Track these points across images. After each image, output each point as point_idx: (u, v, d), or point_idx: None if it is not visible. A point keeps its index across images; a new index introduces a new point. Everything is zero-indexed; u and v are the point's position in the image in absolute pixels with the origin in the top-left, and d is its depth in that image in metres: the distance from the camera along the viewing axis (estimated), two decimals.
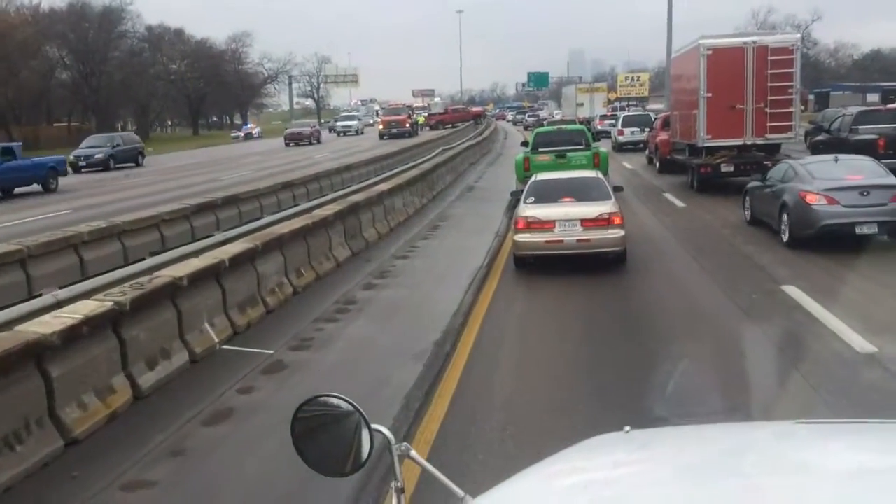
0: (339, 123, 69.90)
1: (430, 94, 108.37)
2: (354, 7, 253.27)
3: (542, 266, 11.15)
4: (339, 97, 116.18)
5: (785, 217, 12.29)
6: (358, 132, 65.07)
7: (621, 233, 10.87)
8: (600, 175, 12.72)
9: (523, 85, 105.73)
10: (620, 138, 36.64)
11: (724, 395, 5.97)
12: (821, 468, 1.63)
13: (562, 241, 10.73)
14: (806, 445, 1.82)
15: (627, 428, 1.97)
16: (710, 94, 18.46)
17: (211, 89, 78.96)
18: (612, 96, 78.80)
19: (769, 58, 17.98)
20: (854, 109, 24.00)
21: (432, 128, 63.95)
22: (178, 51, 73.37)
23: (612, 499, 1.56)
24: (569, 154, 18.57)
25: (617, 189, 12.42)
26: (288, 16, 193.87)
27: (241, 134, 74.55)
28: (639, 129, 34.78)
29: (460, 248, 13.38)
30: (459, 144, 34.36)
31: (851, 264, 10.65)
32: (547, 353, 7.99)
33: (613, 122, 41.71)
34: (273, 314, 9.35)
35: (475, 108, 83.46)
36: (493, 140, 46.62)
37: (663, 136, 25.32)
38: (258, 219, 13.95)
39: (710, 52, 18.35)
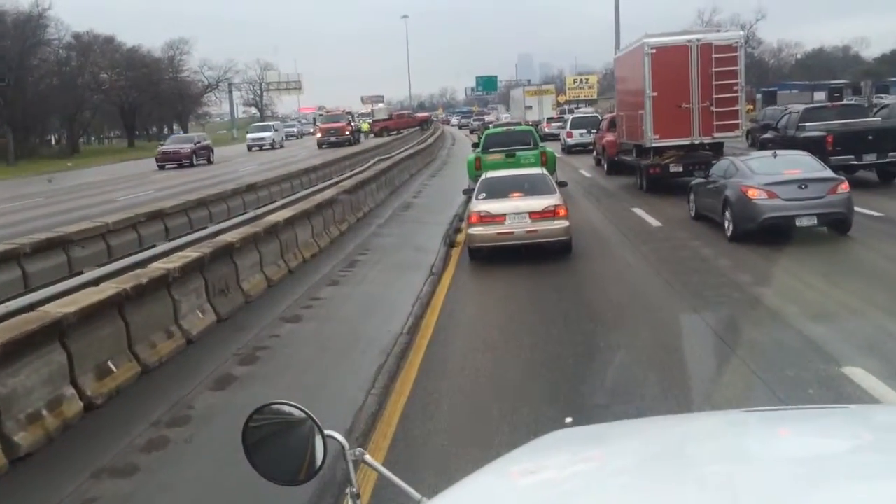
0: (250, 136, 58.84)
1: (379, 99, 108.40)
2: (299, 14, 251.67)
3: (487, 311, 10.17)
4: (285, 105, 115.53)
5: (728, 212, 12.86)
6: (273, 146, 56.04)
7: (566, 223, 12.05)
8: (546, 172, 14.12)
9: (472, 89, 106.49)
10: (569, 140, 37.22)
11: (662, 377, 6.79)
12: (772, 455, 1.68)
13: (512, 232, 11.94)
14: (756, 433, 1.87)
15: (569, 419, 2.07)
16: (655, 94, 18.91)
17: (146, 99, 77.67)
18: (562, 99, 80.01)
19: (713, 55, 18.49)
20: (800, 107, 24.54)
21: (377, 135, 63.47)
22: (107, 59, 71.58)
23: (570, 493, 1.59)
24: (517, 153, 19.65)
25: (561, 184, 13.96)
26: (229, 23, 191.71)
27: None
28: (587, 131, 35.40)
29: (377, 299, 10.53)
30: (398, 154, 32.03)
31: (789, 255, 11.27)
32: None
33: (562, 124, 42.41)
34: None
35: (421, 114, 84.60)
36: (439, 147, 46.00)
37: (610, 137, 25.81)
38: (69, 277, 9.49)
39: (654, 51, 18.83)
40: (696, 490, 1.49)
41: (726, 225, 12.98)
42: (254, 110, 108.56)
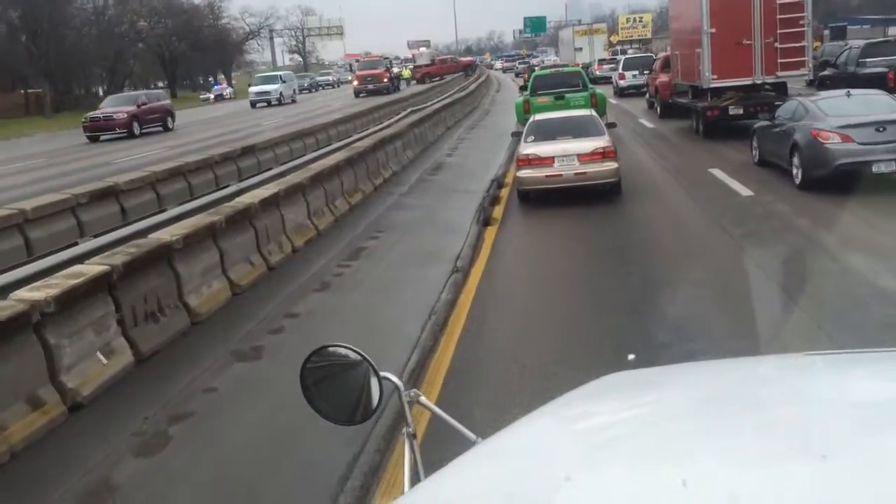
0: (253, 90, 49.91)
1: (425, 44, 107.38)
2: None
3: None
4: (330, 52, 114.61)
5: (796, 157, 11.91)
6: (282, 101, 48.24)
7: (615, 165, 12.10)
8: (594, 114, 14.11)
9: (520, 32, 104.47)
10: (621, 83, 35.84)
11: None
12: (834, 398, 1.66)
13: (560, 174, 12.00)
14: (818, 376, 1.85)
15: (632, 356, 2.02)
16: (713, 30, 17.83)
17: (187, 47, 77.48)
18: (614, 39, 77.58)
19: None
20: (860, 42, 23.62)
21: (419, 81, 61.59)
22: (146, 6, 71.10)
23: (628, 436, 1.59)
24: (566, 95, 19.37)
25: (611, 126, 13.94)
26: None
27: (212, 96, 68.99)
28: (641, 73, 33.93)
29: (372, 319, 7.67)
30: (435, 103, 29.50)
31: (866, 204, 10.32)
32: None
33: (614, 66, 40.82)
34: None
35: (465, 59, 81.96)
36: (482, 94, 43.55)
37: (663, 77, 24.68)
38: None
39: None
40: (757, 434, 1.46)
41: (794, 171, 12.02)
42: (298, 57, 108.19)
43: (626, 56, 42.68)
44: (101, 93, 66.70)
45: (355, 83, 53.02)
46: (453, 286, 8.41)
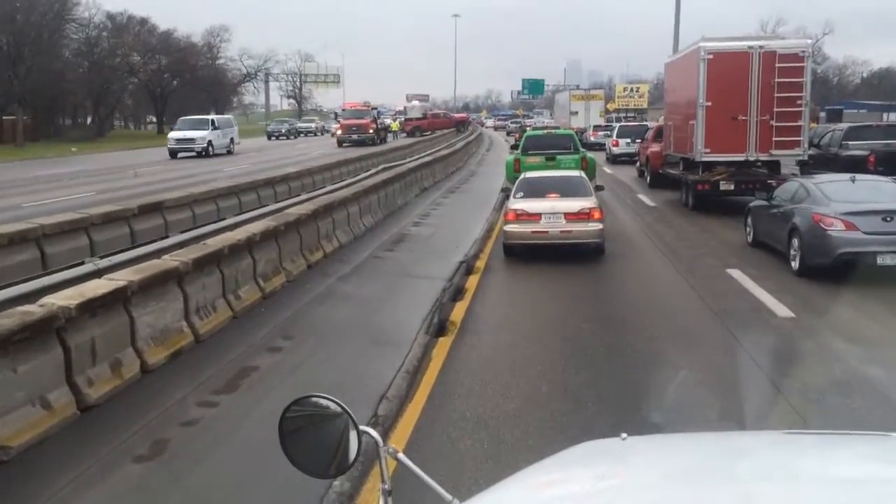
0: (174, 136, 39.97)
1: (424, 98, 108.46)
2: (347, 9, 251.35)
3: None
4: (329, 99, 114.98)
5: (796, 242, 11.15)
6: (208, 152, 38.94)
7: (600, 226, 12.39)
8: (583, 174, 14.47)
9: (518, 92, 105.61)
10: (615, 149, 35.79)
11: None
12: (812, 476, 1.70)
13: (547, 231, 12.28)
14: (798, 454, 1.89)
15: (624, 435, 2.02)
16: (709, 103, 17.42)
17: (180, 85, 77.22)
18: (611, 107, 78.08)
19: (777, 65, 16.97)
20: (844, 125, 23.78)
21: (409, 134, 60.17)
22: (139, 41, 70.70)
23: None
24: (558, 157, 19.39)
25: (598, 188, 14.34)
26: (274, 15, 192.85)
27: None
28: (634, 141, 33.83)
29: None
30: (415, 160, 27.24)
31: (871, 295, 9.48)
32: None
33: (608, 133, 40.65)
34: None
35: (458, 115, 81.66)
36: (470, 153, 41.16)
37: (655, 147, 24.49)
38: None
39: (710, 57, 17.29)
40: None
41: (792, 256, 11.25)
42: (295, 102, 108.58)
43: (621, 124, 42.64)
44: (87, 123, 66.21)
45: (339, 132, 50.86)
46: (349, 480, 4.93)
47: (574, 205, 12.30)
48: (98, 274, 8.41)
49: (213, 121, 42.02)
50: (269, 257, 10.29)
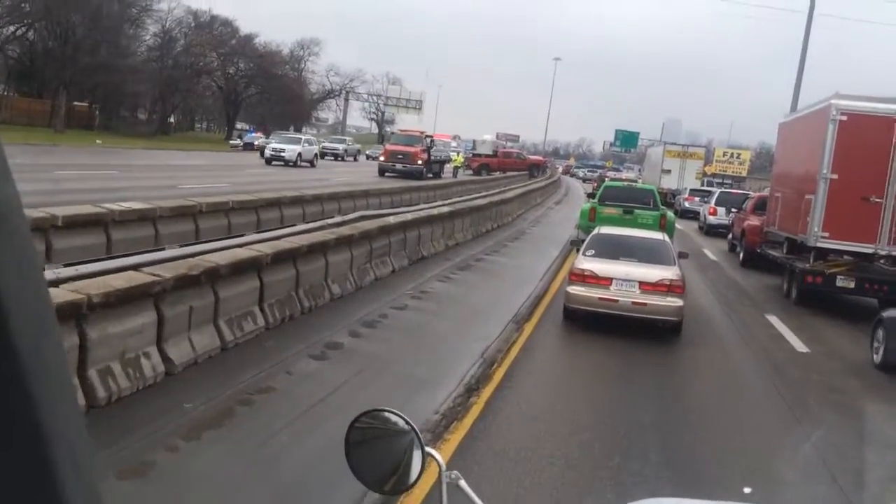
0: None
1: (514, 138, 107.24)
2: (445, 37, 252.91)
3: None
4: (409, 125, 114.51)
5: None
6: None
7: (680, 302, 10.94)
8: (667, 239, 12.98)
9: (611, 144, 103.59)
10: (712, 219, 31.64)
11: None
12: None
13: (616, 300, 10.88)
14: None
15: (748, 489, 2.52)
16: (834, 176, 14.55)
17: (253, 93, 76.84)
18: (708, 169, 74.23)
19: None
20: None
21: (475, 172, 55.77)
22: (216, 41, 70.37)
23: None
24: (636, 211, 19.01)
25: (682, 255, 12.70)
26: (368, 35, 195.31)
27: (241, 143, 64.05)
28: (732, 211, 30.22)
29: None
30: (428, 208, 19.15)
31: None
32: None
33: (706, 198, 36.80)
34: None
35: (533, 157, 76.43)
36: (531, 203, 34.62)
37: (754, 220, 21.55)
38: None
39: (844, 118, 14.42)
40: None
41: None
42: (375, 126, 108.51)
43: (722, 190, 38.58)
44: (151, 119, 66.11)
45: (381, 159, 46.30)
46: None
47: (653, 273, 10.93)
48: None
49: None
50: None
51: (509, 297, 13.21)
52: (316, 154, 50.11)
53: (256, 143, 59.97)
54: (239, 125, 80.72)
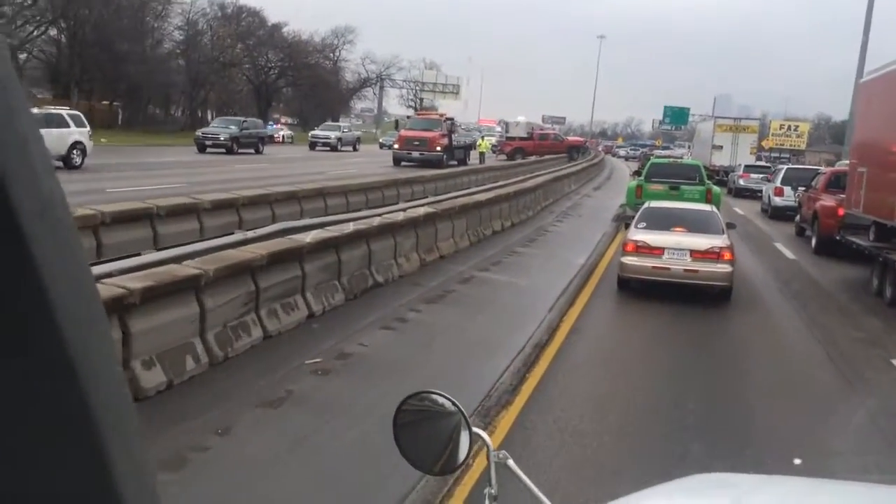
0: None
1: (560, 121, 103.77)
2: (497, 25, 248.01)
3: None
4: (448, 111, 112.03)
5: None
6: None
7: (730, 268, 11.58)
8: (715, 210, 13.66)
9: (659, 122, 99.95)
10: (778, 200, 27.14)
11: None
12: None
13: (668, 268, 11.59)
14: None
15: (798, 461, 2.32)
16: None
17: (283, 85, 74.83)
18: (767, 143, 69.84)
19: None
20: None
21: (508, 157, 51.44)
22: (244, 31, 68.39)
23: None
24: (682, 187, 19.40)
25: (730, 226, 13.12)
26: (407, 22, 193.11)
27: None
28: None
29: None
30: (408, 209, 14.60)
31: None
32: None
33: (767, 176, 32.83)
34: None
35: (572, 138, 71.65)
36: (570, 190, 31.26)
37: (828, 201, 18.56)
38: None
39: None
40: None
41: None
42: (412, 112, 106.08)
43: (790, 166, 34.05)
44: (178, 115, 64.44)
45: (395, 146, 41.43)
46: None
47: (703, 242, 11.69)
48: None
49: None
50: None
51: (491, 351, 8.52)
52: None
53: (277, 135, 59.44)
54: (276, 118, 79.14)
